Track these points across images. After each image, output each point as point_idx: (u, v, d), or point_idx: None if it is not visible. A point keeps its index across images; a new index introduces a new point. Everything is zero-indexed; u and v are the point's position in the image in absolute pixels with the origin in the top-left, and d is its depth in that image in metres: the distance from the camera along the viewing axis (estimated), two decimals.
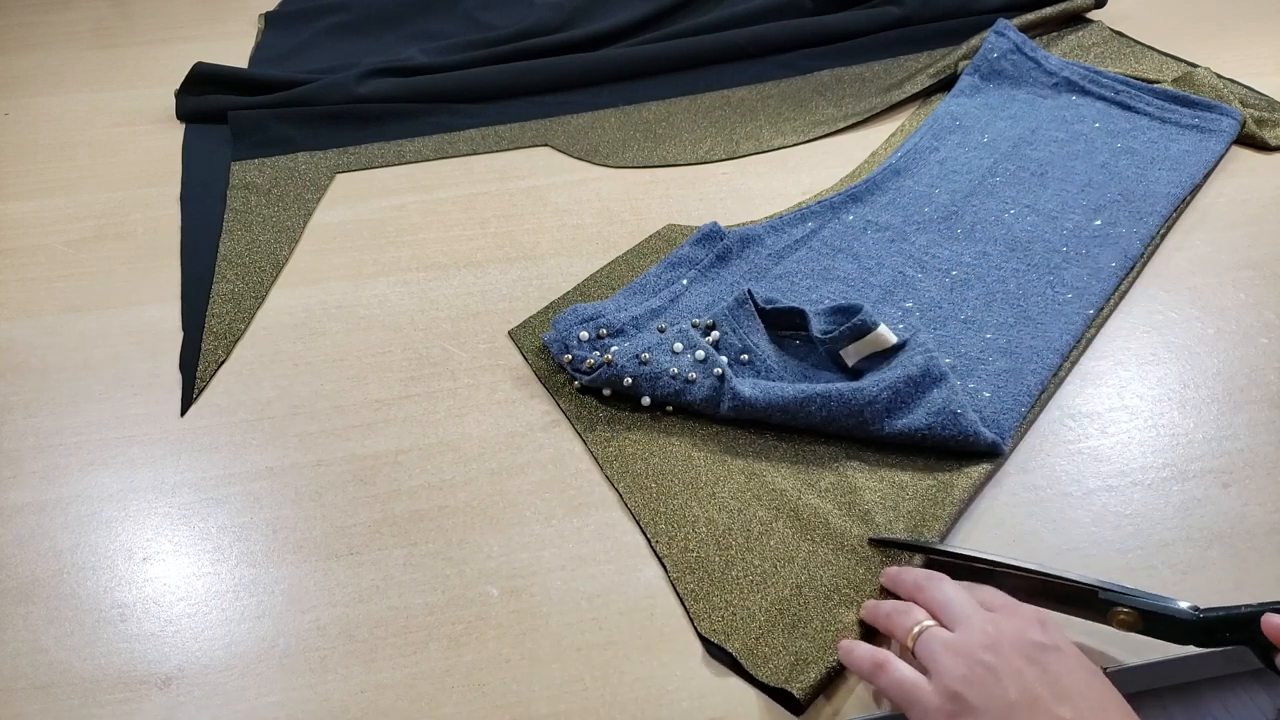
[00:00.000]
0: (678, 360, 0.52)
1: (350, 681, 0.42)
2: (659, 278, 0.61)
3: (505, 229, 0.70)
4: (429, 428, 0.54)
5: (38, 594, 0.46)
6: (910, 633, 0.38)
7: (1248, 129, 0.75)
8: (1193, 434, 0.52)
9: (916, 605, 0.40)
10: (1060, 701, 0.33)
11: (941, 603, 0.39)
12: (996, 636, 0.36)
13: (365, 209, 0.73)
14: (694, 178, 0.75)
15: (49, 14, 1.09)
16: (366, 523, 0.48)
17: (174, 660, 0.43)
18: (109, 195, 0.75)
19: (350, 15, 1.05)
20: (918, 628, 0.38)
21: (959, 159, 0.74)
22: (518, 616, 0.44)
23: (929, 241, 0.65)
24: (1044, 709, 0.33)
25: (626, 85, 0.89)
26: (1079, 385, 0.55)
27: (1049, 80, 0.82)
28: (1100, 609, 0.39)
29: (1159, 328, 0.59)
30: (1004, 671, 0.34)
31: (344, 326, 0.61)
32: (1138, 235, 0.64)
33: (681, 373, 0.52)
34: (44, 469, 0.52)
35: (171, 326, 0.62)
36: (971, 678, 0.35)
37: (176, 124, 0.85)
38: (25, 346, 0.60)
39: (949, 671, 0.35)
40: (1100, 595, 0.39)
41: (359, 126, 0.83)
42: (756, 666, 0.41)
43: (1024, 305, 0.59)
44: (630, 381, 0.52)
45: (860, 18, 0.95)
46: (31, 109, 0.89)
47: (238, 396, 0.56)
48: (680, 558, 0.46)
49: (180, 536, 0.48)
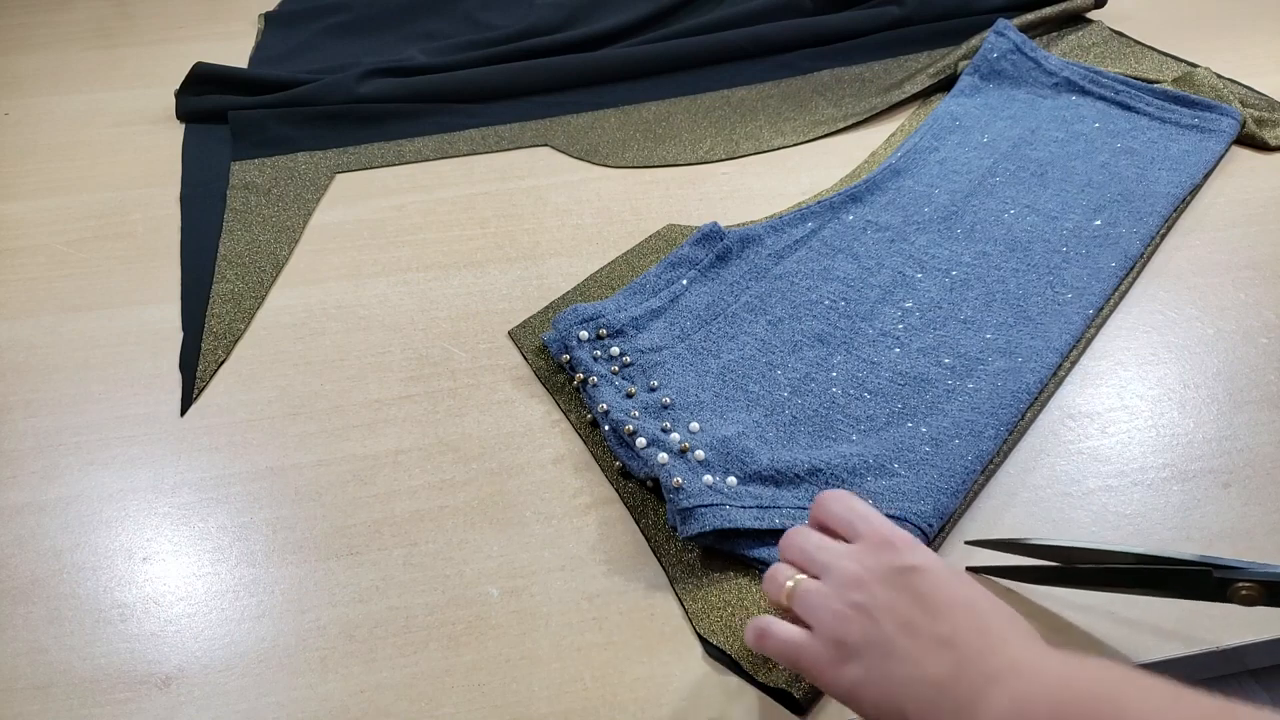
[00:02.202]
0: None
1: (350, 681, 0.42)
2: (659, 278, 0.61)
3: (505, 229, 0.70)
4: (429, 428, 0.54)
5: (38, 594, 0.46)
6: (784, 591, 0.38)
7: (1248, 129, 0.75)
8: (1193, 434, 0.52)
9: (784, 564, 0.39)
10: (936, 619, 0.33)
11: (804, 555, 0.38)
12: (860, 573, 0.36)
13: (365, 209, 0.73)
14: (694, 178, 0.75)
15: (49, 14, 1.09)
16: (366, 523, 0.49)
17: (174, 660, 0.43)
18: (109, 195, 0.75)
19: (350, 15, 1.05)
20: (790, 583, 0.38)
21: (959, 159, 0.74)
22: (518, 616, 0.44)
23: (929, 241, 0.65)
24: (924, 633, 0.33)
25: (626, 85, 0.89)
26: (1079, 385, 0.55)
27: (1049, 80, 0.82)
28: (1217, 588, 0.38)
29: (1159, 328, 0.59)
30: (876, 607, 0.34)
31: (344, 326, 0.61)
32: (1138, 235, 0.64)
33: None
34: (44, 469, 0.52)
35: (171, 326, 0.62)
36: (848, 621, 0.35)
37: (176, 124, 0.85)
38: (25, 346, 0.60)
39: (824, 621, 0.35)
40: (1215, 574, 0.38)
41: (359, 126, 0.83)
42: (756, 667, 0.41)
43: (1024, 305, 0.59)
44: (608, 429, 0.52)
45: (860, 18, 0.95)
46: (31, 109, 0.89)
47: (238, 396, 0.56)
48: (680, 558, 0.46)
49: (180, 536, 0.48)
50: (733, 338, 0.58)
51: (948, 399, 0.53)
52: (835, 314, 0.59)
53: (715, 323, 0.59)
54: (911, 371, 0.55)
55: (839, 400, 0.53)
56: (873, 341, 0.57)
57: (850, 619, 0.35)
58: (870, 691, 0.33)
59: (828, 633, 0.35)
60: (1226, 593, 0.38)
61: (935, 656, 0.32)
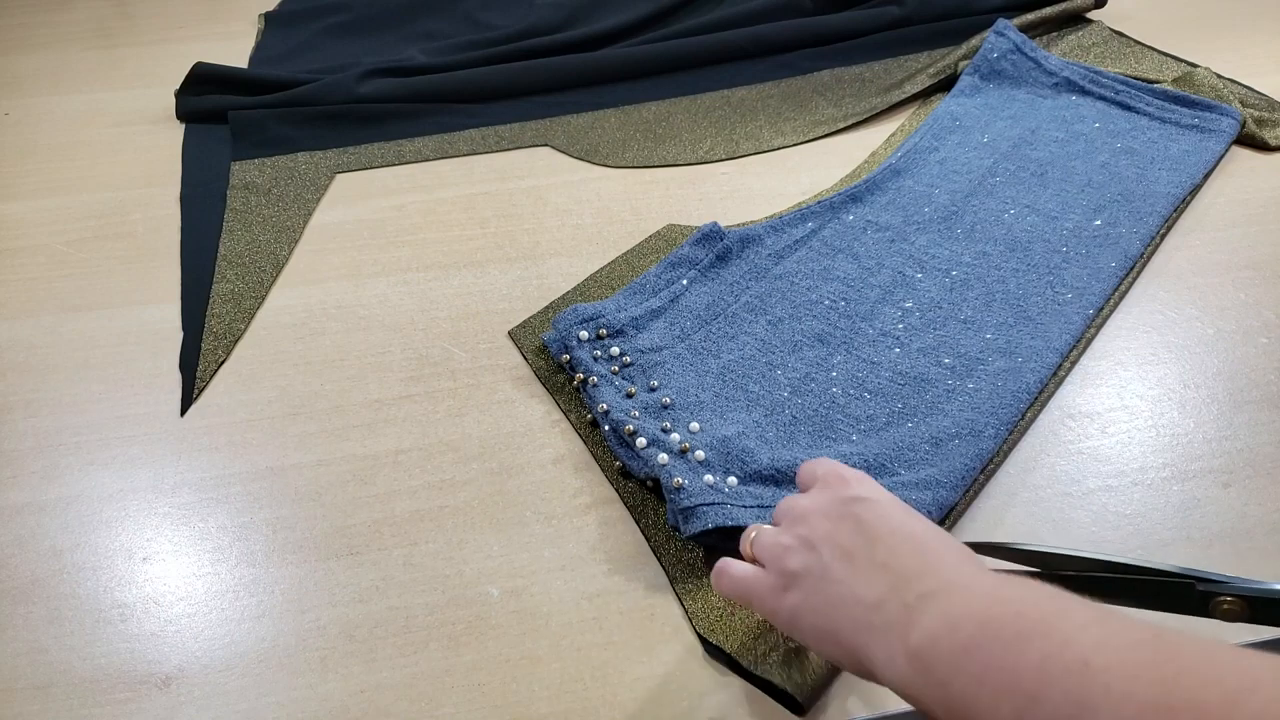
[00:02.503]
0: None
1: (350, 681, 0.42)
2: (659, 278, 0.61)
3: (505, 229, 0.70)
4: (429, 428, 0.54)
5: (38, 594, 0.46)
6: (748, 540, 0.39)
7: (1248, 129, 0.75)
8: (1193, 434, 0.52)
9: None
10: (874, 546, 0.33)
11: (776, 512, 0.40)
12: (807, 509, 0.37)
13: (365, 209, 0.73)
14: (694, 178, 0.75)
15: (49, 14, 1.09)
16: (366, 523, 0.48)
17: (174, 660, 0.43)
18: (109, 195, 0.75)
19: (350, 15, 1.05)
20: (753, 533, 0.39)
21: (959, 159, 0.74)
22: (518, 616, 0.44)
23: (929, 241, 0.65)
24: (862, 558, 0.33)
25: (626, 85, 0.89)
26: (1079, 385, 0.55)
27: (1049, 80, 0.82)
28: (1200, 601, 0.37)
29: (1159, 328, 0.59)
30: (816, 537, 0.35)
31: (344, 326, 0.61)
32: (1138, 235, 0.64)
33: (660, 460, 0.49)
34: (44, 469, 0.52)
35: (171, 326, 0.62)
36: (791, 552, 0.36)
37: (176, 124, 0.85)
38: (25, 346, 0.60)
39: (772, 555, 0.37)
40: (1199, 588, 0.37)
41: (359, 126, 0.83)
42: (756, 666, 0.40)
43: (1024, 305, 0.59)
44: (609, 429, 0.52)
45: (860, 18, 0.95)
46: (31, 109, 0.89)
47: (238, 396, 0.56)
48: (680, 558, 0.46)
49: (180, 536, 0.48)
50: (733, 338, 0.58)
51: (948, 399, 0.53)
52: (835, 314, 0.59)
53: (715, 323, 0.59)
54: (911, 371, 0.55)
55: (839, 400, 0.53)
56: (873, 341, 0.57)
57: (793, 549, 0.36)
58: (808, 618, 0.34)
59: (774, 565, 0.36)
60: (1209, 607, 0.37)
61: (870, 579, 0.32)
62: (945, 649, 0.28)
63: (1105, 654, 0.25)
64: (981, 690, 0.27)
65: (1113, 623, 0.26)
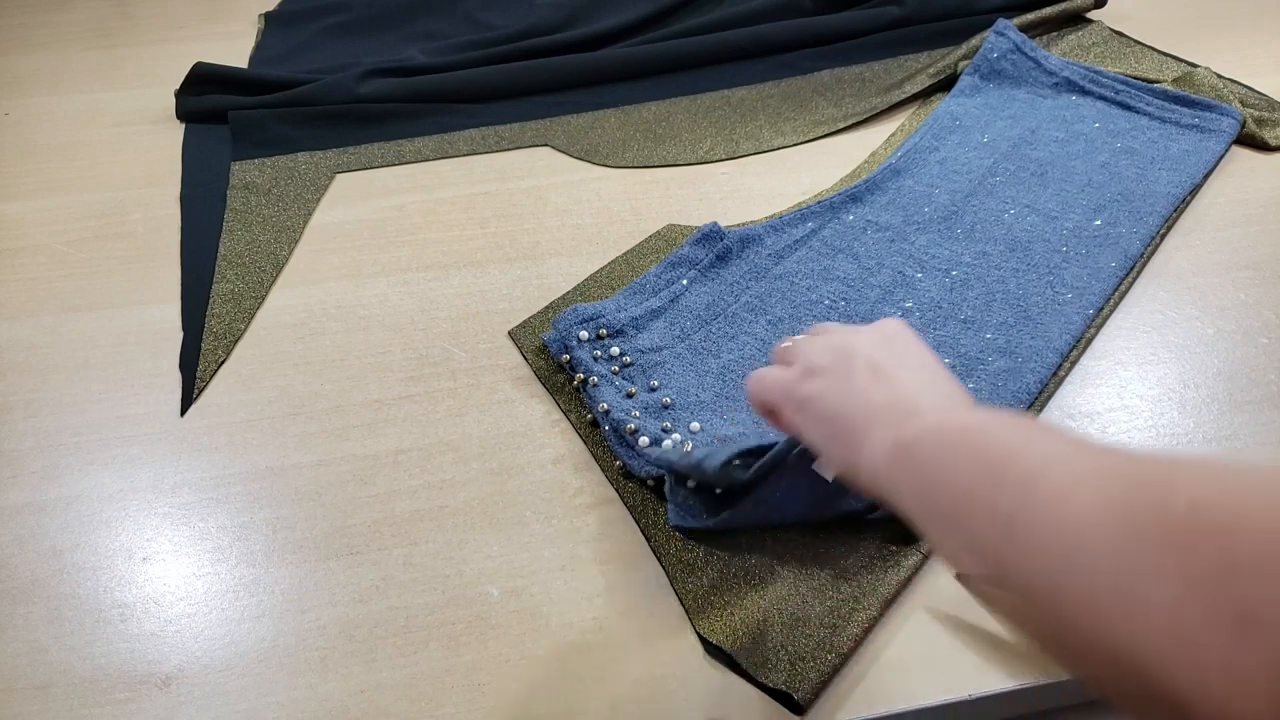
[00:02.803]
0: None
1: (350, 681, 0.42)
2: (659, 278, 0.61)
3: (505, 229, 0.70)
4: (429, 428, 0.54)
5: (38, 594, 0.46)
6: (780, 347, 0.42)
7: (1248, 129, 0.75)
8: (1193, 434, 0.52)
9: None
10: (901, 366, 0.37)
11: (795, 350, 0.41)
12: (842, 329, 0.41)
13: (365, 209, 0.73)
14: (694, 178, 0.75)
15: (49, 14, 1.09)
16: (366, 523, 0.48)
17: (174, 660, 0.43)
18: (109, 195, 0.75)
19: (350, 15, 1.05)
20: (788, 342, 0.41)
21: (959, 159, 0.74)
22: (518, 616, 0.44)
23: (929, 241, 0.65)
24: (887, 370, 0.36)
25: (626, 85, 0.89)
26: (1079, 385, 0.55)
27: (1049, 80, 0.82)
28: None
29: (1159, 328, 0.59)
30: (850, 347, 0.38)
31: (344, 326, 0.61)
32: (1138, 235, 0.64)
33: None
34: (44, 469, 0.52)
35: (171, 326, 0.62)
36: (825, 353, 0.38)
37: (176, 124, 0.85)
38: (25, 346, 0.60)
39: (807, 352, 0.39)
40: None
41: (359, 126, 0.83)
42: (756, 666, 0.40)
43: (1024, 305, 0.59)
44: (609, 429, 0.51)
45: (860, 18, 0.95)
46: (31, 109, 0.89)
47: (238, 396, 0.56)
48: (680, 558, 0.46)
49: (180, 536, 0.48)
50: (733, 338, 0.58)
51: None
52: (835, 314, 0.59)
53: (715, 323, 0.59)
54: None
55: None
56: None
57: (824, 350, 0.39)
58: (818, 403, 0.37)
59: (802, 360, 0.39)
60: None
61: (881, 388, 0.36)
62: (928, 442, 0.32)
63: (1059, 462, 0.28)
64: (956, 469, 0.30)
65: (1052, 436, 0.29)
